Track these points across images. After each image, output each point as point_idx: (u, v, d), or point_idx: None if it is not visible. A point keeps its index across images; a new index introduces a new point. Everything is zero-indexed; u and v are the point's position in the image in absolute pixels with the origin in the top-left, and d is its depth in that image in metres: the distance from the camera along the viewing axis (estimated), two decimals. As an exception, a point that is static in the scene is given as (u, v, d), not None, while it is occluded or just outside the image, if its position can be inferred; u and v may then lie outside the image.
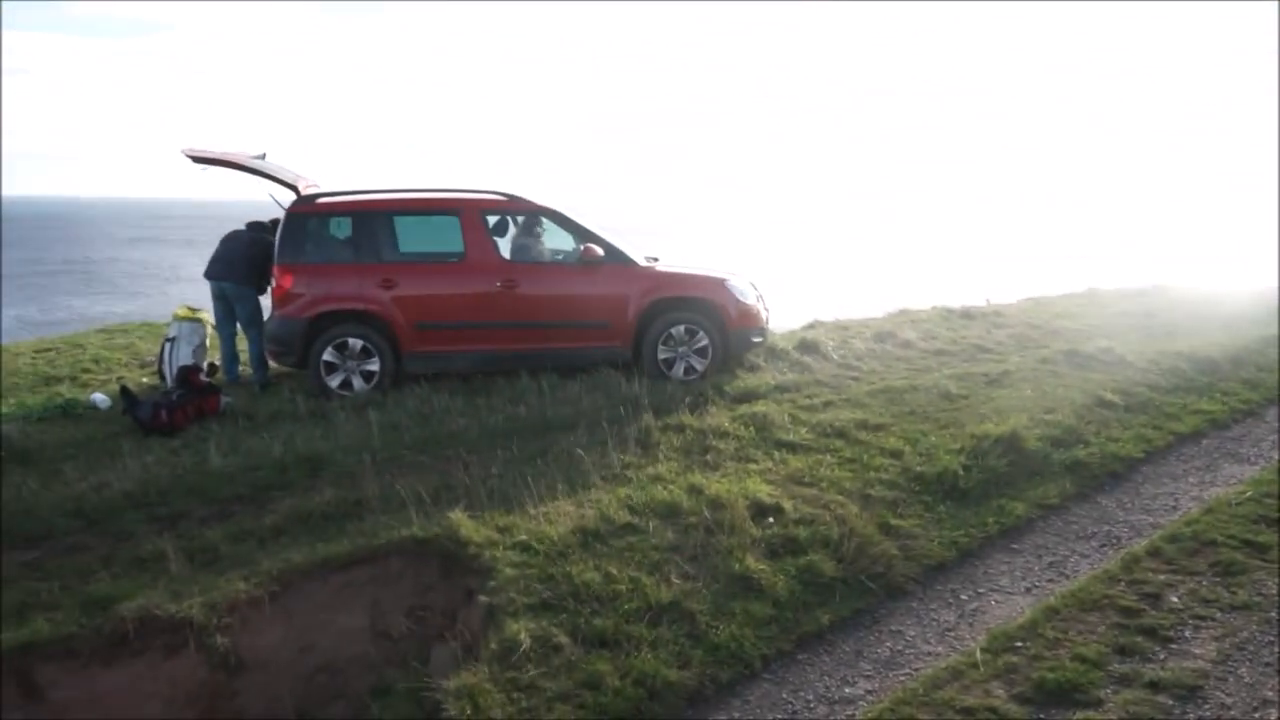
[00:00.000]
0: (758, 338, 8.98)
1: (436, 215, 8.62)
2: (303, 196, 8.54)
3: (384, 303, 8.30)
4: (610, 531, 5.35)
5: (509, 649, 4.31)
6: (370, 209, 8.53)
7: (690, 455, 6.56)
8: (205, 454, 6.78)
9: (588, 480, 6.11)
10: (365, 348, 8.31)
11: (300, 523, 5.75)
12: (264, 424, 7.56)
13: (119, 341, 11.79)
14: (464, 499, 5.88)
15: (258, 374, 8.96)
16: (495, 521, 5.47)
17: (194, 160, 8.33)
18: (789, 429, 7.09)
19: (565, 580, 4.84)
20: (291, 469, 6.52)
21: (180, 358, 8.67)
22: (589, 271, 8.53)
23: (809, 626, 4.72)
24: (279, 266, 8.31)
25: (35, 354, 10.84)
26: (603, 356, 8.62)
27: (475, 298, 8.41)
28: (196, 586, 4.97)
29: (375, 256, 8.40)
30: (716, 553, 5.16)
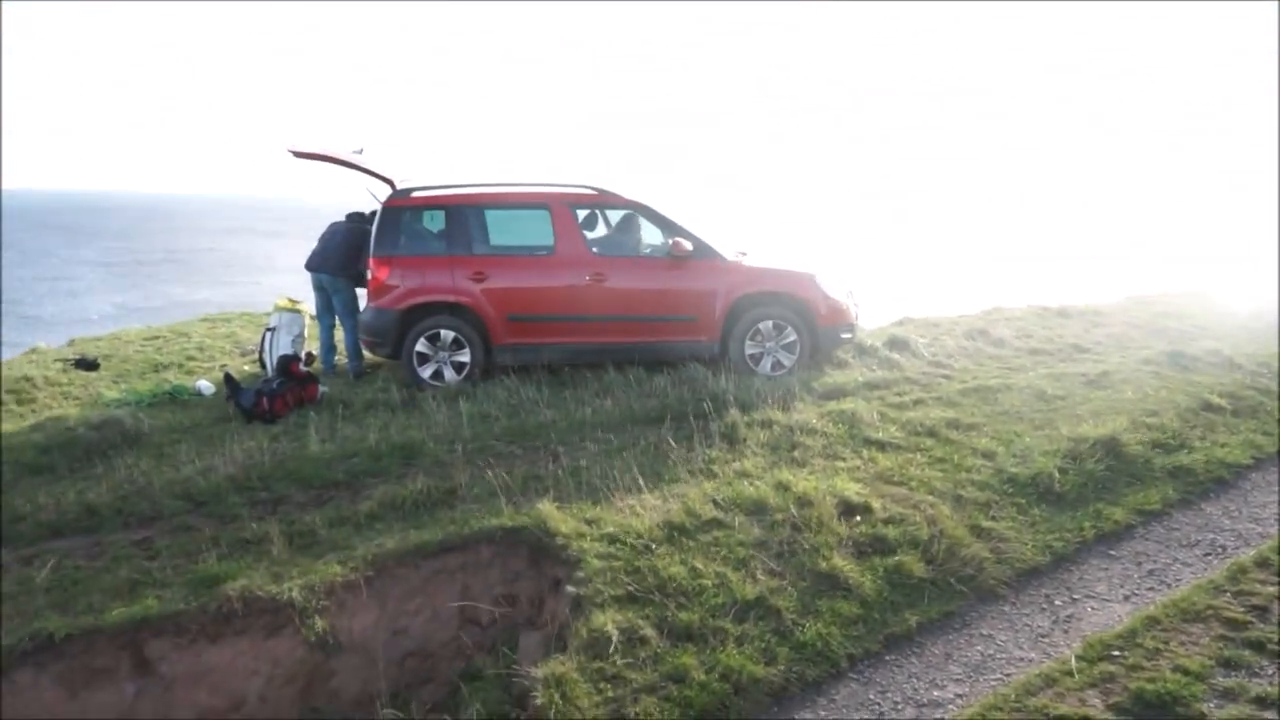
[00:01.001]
0: (847, 334, 8.88)
1: (527, 209, 8.72)
2: (397, 190, 8.73)
3: (475, 295, 8.45)
4: (696, 526, 5.36)
5: (596, 640, 4.36)
6: (462, 202, 8.67)
7: (777, 451, 6.53)
8: (304, 441, 7.00)
9: (674, 474, 6.14)
10: (457, 339, 8.47)
11: (394, 509, 5.90)
12: (359, 413, 7.78)
13: (221, 330, 12.22)
14: (552, 490, 5.96)
15: (353, 363, 9.20)
16: (583, 513, 5.53)
17: (297, 156, 8.59)
18: (878, 427, 7.00)
19: (651, 573, 4.88)
20: (386, 457, 6.69)
21: (280, 347, 8.96)
22: (677, 265, 8.54)
23: (897, 627, 4.66)
24: (374, 259, 8.52)
25: (144, 341, 11.31)
26: (689, 351, 8.63)
27: (564, 291, 8.50)
28: (296, 569, 5.15)
29: (467, 249, 8.55)
30: (803, 550, 5.13)
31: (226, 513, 5.96)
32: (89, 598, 4.97)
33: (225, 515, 5.93)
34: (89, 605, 4.89)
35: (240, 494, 6.20)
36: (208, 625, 4.84)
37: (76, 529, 5.82)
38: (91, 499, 6.06)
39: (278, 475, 6.45)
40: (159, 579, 5.14)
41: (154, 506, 6.04)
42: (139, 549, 5.55)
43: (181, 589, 5.01)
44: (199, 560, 5.33)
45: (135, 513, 5.99)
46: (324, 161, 8.74)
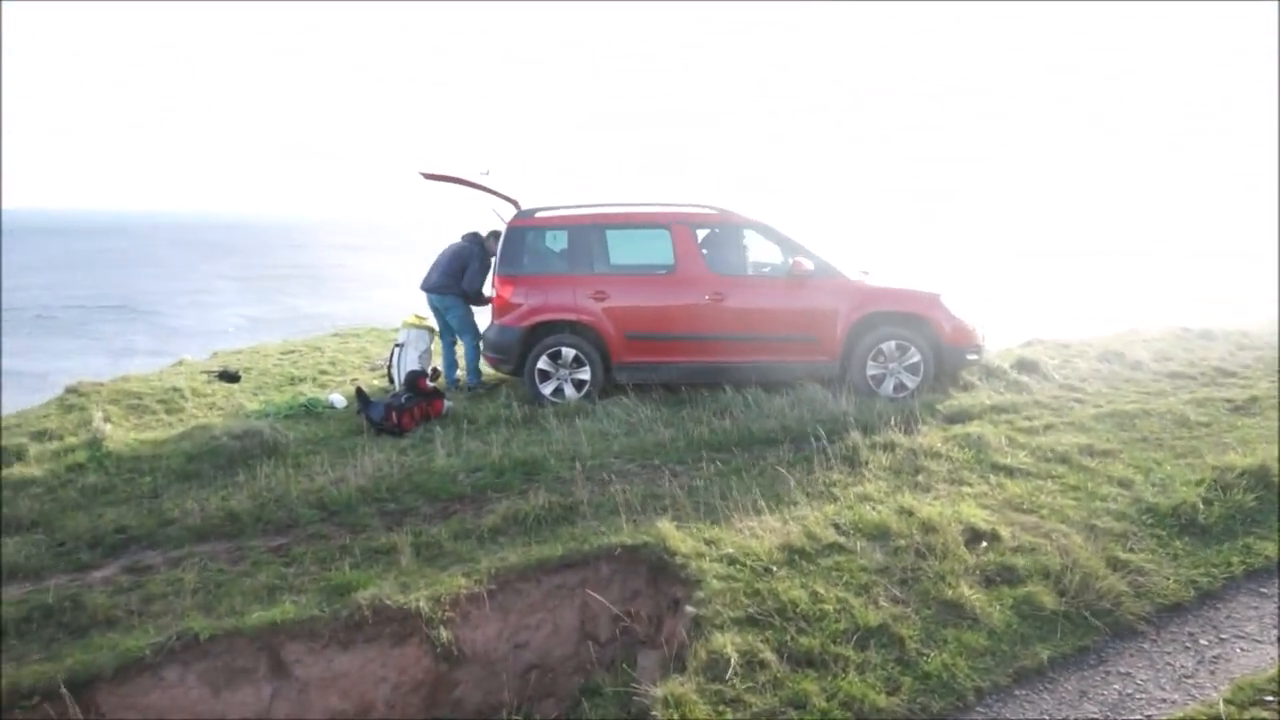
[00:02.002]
0: (973, 355, 8.65)
1: (648, 229, 8.81)
2: (522, 210, 8.94)
3: (596, 313, 8.57)
4: (817, 550, 5.30)
5: (715, 661, 4.35)
6: (584, 222, 8.82)
7: (900, 475, 6.41)
8: (431, 454, 7.20)
9: (793, 496, 6.08)
10: (577, 357, 8.61)
11: (516, 524, 6.01)
12: (483, 428, 7.96)
13: (352, 345, 12.70)
14: (671, 509, 5.98)
15: (471, 378, 9.44)
16: (702, 533, 5.53)
17: (427, 178, 8.89)
18: (1006, 452, 6.79)
19: (771, 596, 4.83)
20: (508, 472, 6.83)
21: (408, 363, 9.26)
22: (798, 285, 8.49)
23: (1027, 661, 4.50)
24: (499, 277, 8.74)
25: (281, 355, 11.84)
26: (809, 371, 8.55)
27: (684, 310, 8.54)
28: (423, 580, 5.29)
29: (588, 268, 8.68)
30: (928, 577, 5.01)
31: (357, 523, 6.18)
32: (231, 600, 5.21)
33: (356, 525, 6.15)
34: (231, 608, 5.13)
35: (370, 505, 6.42)
36: (340, 631, 5.01)
37: (220, 534, 6.12)
38: (234, 506, 6.36)
39: (405, 487, 6.66)
40: (295, 585, 5.36)
41: (290, 515, 6.31)
42: (277, 555, 5.80)
43: (316, 595, 5.20)
44: (332, 568, 5.53)
45: (273, 520, 6.27)
46: (452, 183, 9.02)
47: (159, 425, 8.46)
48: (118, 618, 5.11)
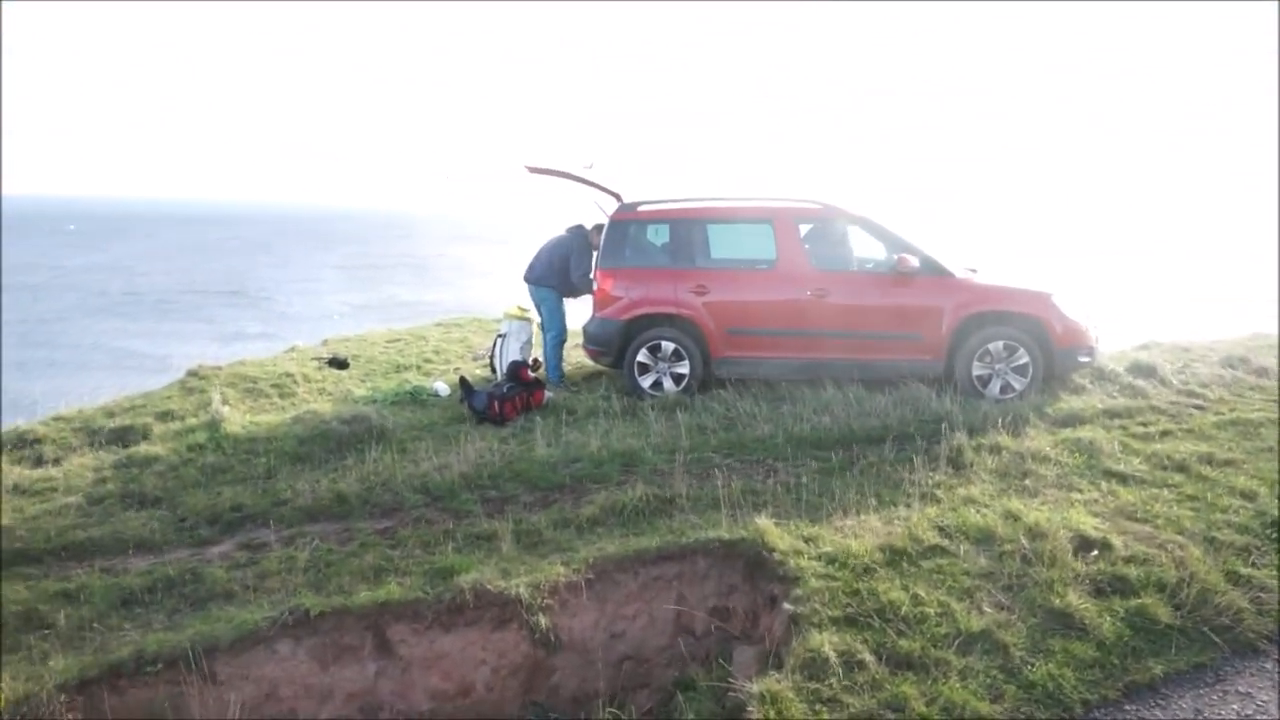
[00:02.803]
0: (1085, 357, 8.37)
1: (750, 223, 8.77)
2: (624, 204, 8.99)
3: (696, 308, 8.57)
4: (919, 551, 5.20)
5: (813, 660, 4.31)
6: (686, 216, 8.83)
7: (1006, 479, 6.24)
8: (531, 444, 7.32)
9: (895, 497, 5.99)
10: (677, 350, 8.62)
11: (614, 515, 6.07)
12: (582, 419, 8.05)
13: (455, 335, 12.97)
14: (769, 505, 5.95)
15: (553, 374, 9.53)
16: (801, 530, 5.49)
17: (532, 171, 9.02)
18: (1119, 458, 6.56)
19: (871, 597, 4.77)
20: (607, 463, 6.89)
21: (510, 353, 9.42)
22: (903, 282, 8.34)
23: (1139, 675, 4.33)
24: (600, 270, 8.82)
25: (387, 343, 12.17)
26: (913, 370, 8.40)
27: (785, 305, 8.47)
28: (523, 566, 5.39)
29: (690, 262, 8.69)
30: (1034, 584, 4.88)
31: (460, 508, 6.32)
32: (339, 579, 5.40)
33: (459, 511, 6.29)
34: (339, 586, 5.31)
35: (472, 491, 6.56)
36: (442, 614, 5.14)
37: (330, 515, 6.33)
38: (342, 488, 6.58)
39: (506, 475, 6.78)
40: (400, 567, 5.51)
41: (396, 498, 6.49)
42: (383, 537, 5.97)
43: (420, 578, 5.34)
44: (435, 552, 5.67)
45: (380, 503, 6.46)
46: (556, 176, 9.12)
47: (273, 409, 8.80)
48: (234, 592, 5.34)
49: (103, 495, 6.71)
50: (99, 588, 5.35)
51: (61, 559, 5.83)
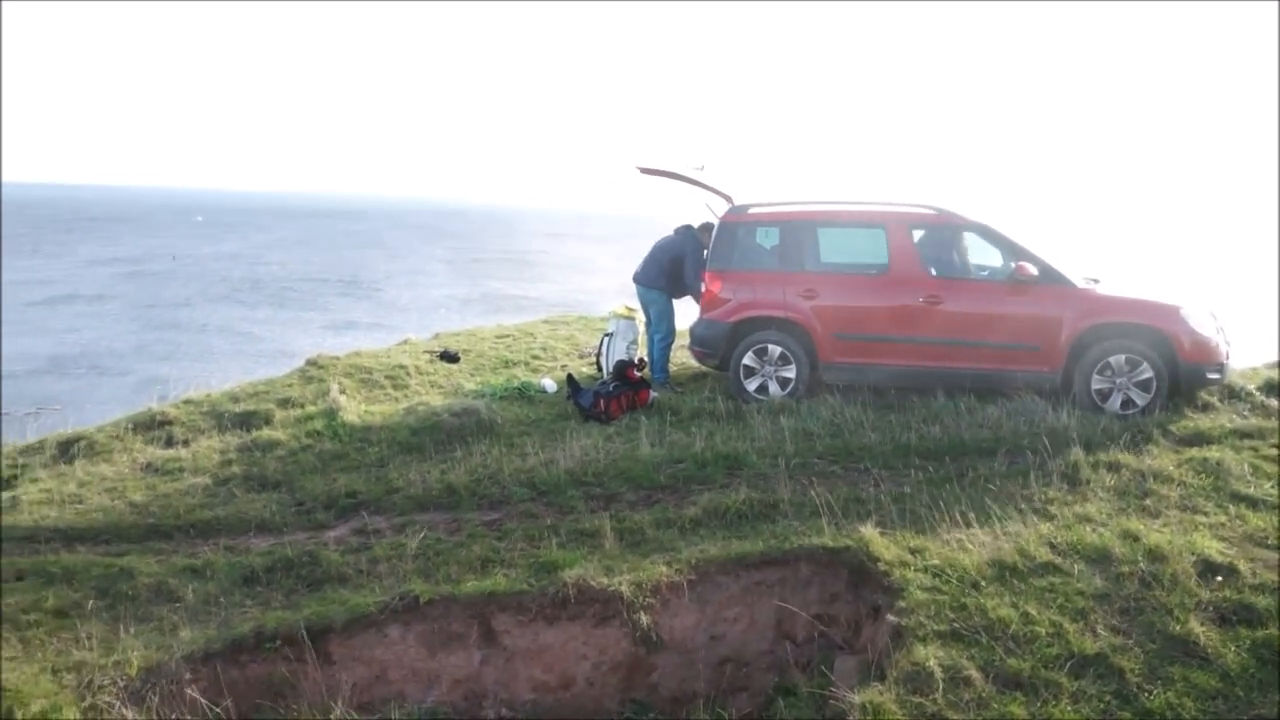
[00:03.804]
0: (1214, 374, 7.98)
1: (862, 227, 8.65)
2: (735, 206, 8.96)
3: (804, 312, 8.50)
4: (1029, 569, 5.07)
5: (917, 674, 4.25)
6: (796, 219, 8.75)
7: (1125, 498, 6.02)
8: (635, 443, 7.37)
9: (1005, 511, 5.83)
10: (783, 354, 8.56)
11: (717, 517, 6.08)
12: (687, 420, 8.06)
13: (562, 333, 13.13)
14: (874, 514, 5.88)
15: (658, 375, 9.54)
16: (906, 541, 5.41)
17: (644, 172, 9.07)
18: (1249, 481, 6.25)
19: (979, 612, 4.67)
20: (711, 465, 6.90)
21: (616, 352, 9.50)
22: (1020, 290, 8.10)
23: (1265, 710, 4.13)
24: (709, 272, 8.82)
25: (496, 339, 12.40)
26: (1028, 381, 8.15)
27: (896, 311, 8.33)
28: (625, 564, 5.45)
29: (799, 266, 8.61)
30: (1153, 609, 4.70)
31: (565, 504, 6.42)
32: (447, 568, 5.55)
33: (564, 506, 6.39)
34: (447, 575, 5.46)
35: (577, 488, 6.65)
36: (546, 607, 5.24)
37: (439, 505, 6.51)
38: (452, 479, 6.76)
39: (611, 473, 6.85)
40: (506, 559, 5.64)
41: (503, 491, 6.63)
42: (490, 529, 6.11)
43: (525, 571, 5.46)
44: (540, 546, 5.78)
45: (487, 495, 6.61)
46: (668, 178, 9.16)
47: (386, 399, 9.07)
48: (348, 575, 5.54)
49: (227, 477, 7.03)
50: (223, 565, 5.62)
51: (189, 536, 6.14)
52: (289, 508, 6.51)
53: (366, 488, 6.76)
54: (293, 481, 6.94)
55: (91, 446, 7.78)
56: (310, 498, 6.65)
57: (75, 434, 8.13)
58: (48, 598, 5.14)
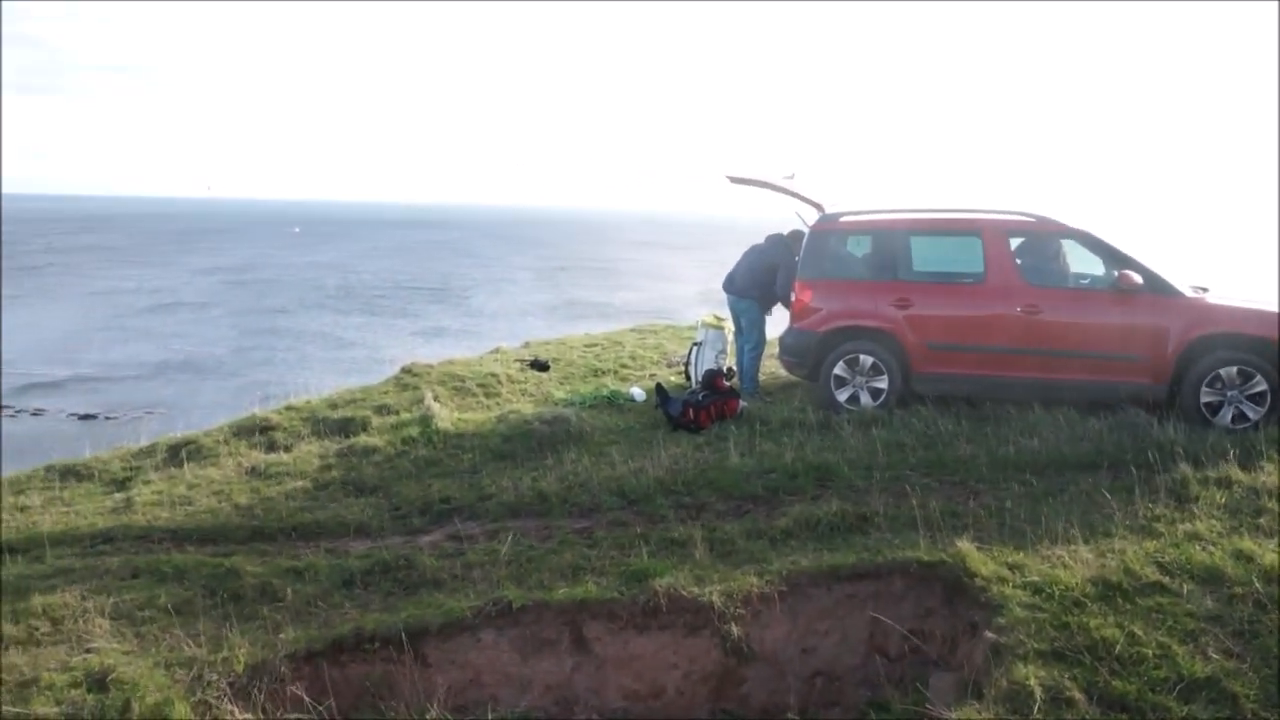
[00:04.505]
0: (1334, 388, 7.62)
1: (957, 235, 8.50)
2: (825, 215, 8.90)
3: (897, 321, 8.38)
4: (1135, 588, 4.90)
5: (1017, 693, 4.14)
6: (889, 228, 8.65)
7: (1238, 516, 5.78)
8: (725, 453, 7.36)
9: (1108, 527, 5.66)
10: (875, 364, 8.45)
11: (808, 529, 6.02)
12: (776, 430, 8.01)
13: (650, 341, 13.20)
14: (971, 528, 5.76)
15: (748, 385, 9.50)
16: (1005, 557, 5.28)
17: (733, 181, 9.08)
18: (1371, 500, 5.95)
19: (1082, 632, 4.53)
20: (801, 476, 6.85)
21: (705, 361, 9.51)
22: (1123, 300, 7.86)
23: (1389, 740, 3.94)
24: (799, 281, 8.76)
25: (585, 348, 12.53)
26: (1131, 393, 7.89)
27: (993, 321, 8.15)
28: (716, 574, 5.44)
29: (891, 275, 8.51)
30: (1269, 632, 4.50)
31: (654, 513, 6.44)
32: (539, 574, 5.61)
33: (653, 515, 6.41)
34: (539, 581, 5.52)
35: (666, 497, 6.66)
36: (637, 615, 5.25)
37: (530, 511, 6.59)
38: (543, 486, 6.83)
39: (700, 483, 6.84)
40: (597, 566, 5.67)
41: (593, 499, 6.68)
42: (580, 536, 6.16)
43: (615, 578, 5.48)
44: (630, 554, 5.80)
45: (577, 503, 6.66)
46: (758, 187, 9.14)
47: (479, 407, 9.23)
48: (443, 579, 5.64)
49: (327, 481, 7.24)
50: (324, 567, 5.77)
51: (291, 538, 6.33)
52: (386, 512, 6.66)
53: (460, 494, 6.88)
54: (389, 487, 7.10)
55: (199, 450, 8.09)
56: (406, 503, 6.79)
57: (184, 438, 8.47)
58: (161, 595, 5.35)
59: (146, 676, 4.46)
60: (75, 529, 6.44)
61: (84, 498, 7.29)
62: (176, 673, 4.58)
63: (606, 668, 5.25)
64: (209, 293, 35.05)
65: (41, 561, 5.87)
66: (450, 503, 6.76)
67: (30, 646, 4.82)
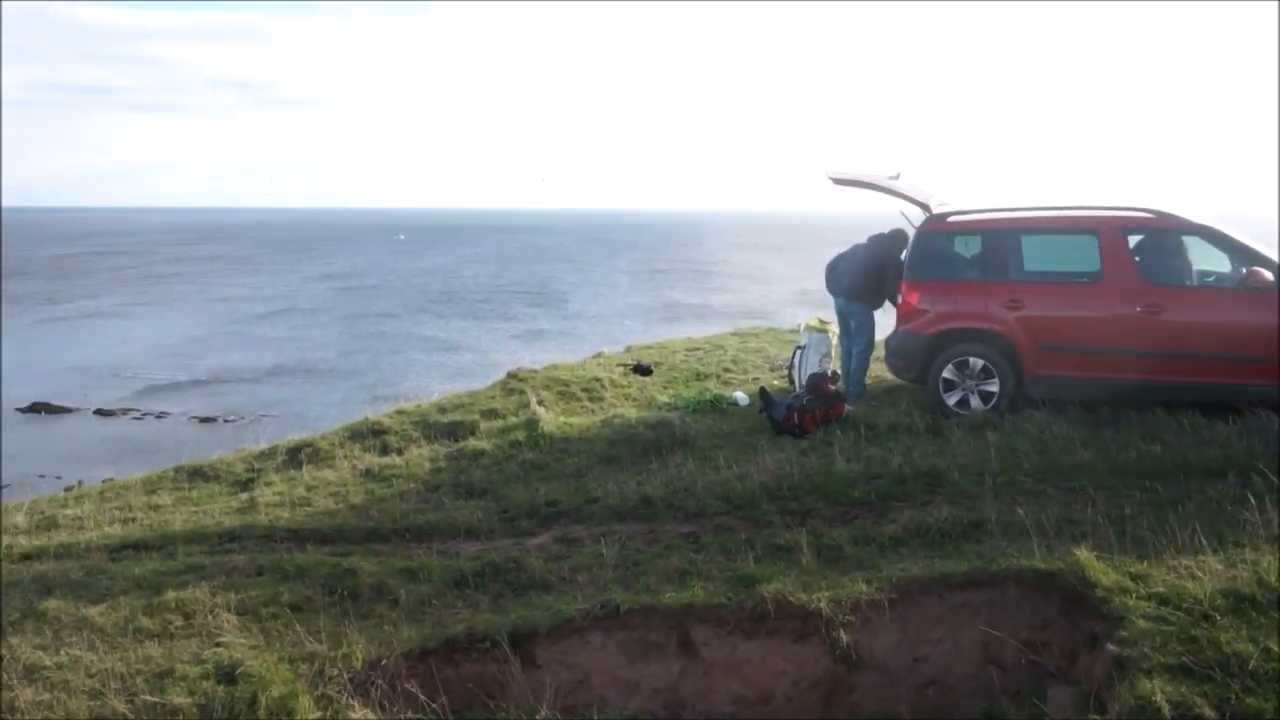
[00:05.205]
0: None
1: (1071, 234, 8.24)
2: (933, 215, 8.73)
3: (1008, 323, 8.16)
4: (1269, 600, 4.66)
5: (1143, 709, 3.99)
6: (999, 227, 8.44)
7: (1382, 526, 5.46)
8: (831, 458, 7.28)
9: (1239, 537, 5.40)
10: (986, 367, 8.25)
11: (918, 535, 5.91)
12: (883, 435, 7.88)
13: (751, 345, 13.13)
14: (1089, 537, 5.57)
15: (854, 387, 9.36)
16: (1127, 566, 5.10)
17: (836, 182, 8.97)
18: None
19: (1211, 646, 4.34)
20: (910, 481, 6.73)
21: (809, 365, 9.42)
22: (1253, 298, 7.50)
23: None
24: (906, 283, 8.62)
25: (687, 352, 12.55)
26: (1261, 396, 7.52)
27: (1111, 321, 7.87)
28: (824, 581, 5.38)
29: (1002, 275, 8.29)
30: None
31: (760, 518, 6.40)
32: (646, 578, 5.64)
33: (759, 520, 6.38)
34: (646, 585, 5.54)
35: (772, 502, 6.62)
36: (744, 621, 5.23)
37: (636, 515, 6.63)
38: (648, 491, 6.87)
39: (806, 488, 6.78)
40: (703, 571, 5.67)
41: (698, 504, 6.68)
42: (686, 541, 6.17)
43: (722, 583, 5.47)
44: (737, 559, 5.79)
45: (683, 507, 6.68)
46: (862, 187, 9.02)
47: (583, 411, 9.33)
48: (551, 582, 5.72)
49: (438, 484, 7.43)
50: (436, 568, 5.92)
51: (405, 539, 6.51)
52: (494, 515, 6.79)
53: (566, 497, 6.96)
54: (497, 489, 7.24)
55: (316, 453, 8.39)
56: (514, 505, 6.91)
57: (301, 441, 8.79)
58: (283, 593, 5.56)
59: (272, 670, 4.64)
60: (204, 527, 6.75)
61: (210, 498, 7.64)
62: (300, 667, 4.75)
63: (714, 672, 5.24)
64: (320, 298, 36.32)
65: (173, 558, 6.18)
66: (557, 506, 6.86)
67: (164, 639, 5.07)
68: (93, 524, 7.08)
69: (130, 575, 5.81)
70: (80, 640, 5.03)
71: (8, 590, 5.70)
